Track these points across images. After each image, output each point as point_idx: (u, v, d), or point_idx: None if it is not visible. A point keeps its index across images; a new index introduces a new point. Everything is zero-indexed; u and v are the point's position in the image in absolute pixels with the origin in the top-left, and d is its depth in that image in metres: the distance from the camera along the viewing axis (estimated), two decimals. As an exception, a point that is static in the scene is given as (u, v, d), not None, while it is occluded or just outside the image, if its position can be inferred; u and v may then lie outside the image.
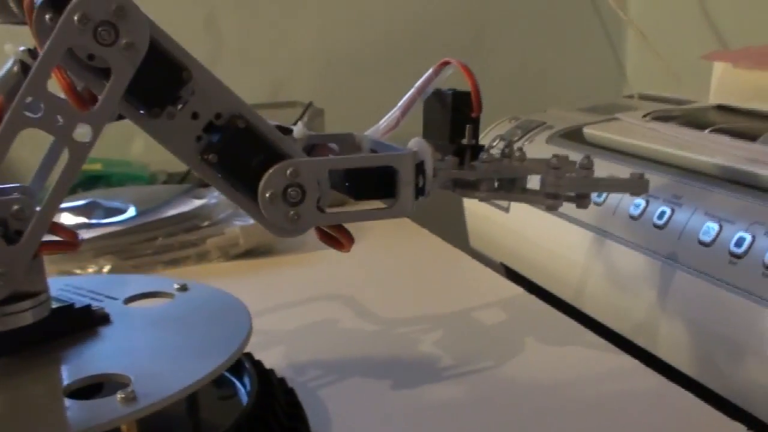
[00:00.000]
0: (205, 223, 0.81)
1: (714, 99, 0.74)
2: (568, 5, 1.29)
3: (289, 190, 0.42)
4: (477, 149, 0.51)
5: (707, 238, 0.53)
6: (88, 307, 0.43)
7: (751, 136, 0.61)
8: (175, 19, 1.13)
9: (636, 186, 0.52)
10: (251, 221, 0.80)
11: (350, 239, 0.46)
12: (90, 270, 0.74)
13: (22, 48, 0.43)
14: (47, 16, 0.38)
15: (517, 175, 0.50)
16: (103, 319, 0.44)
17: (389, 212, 0.46)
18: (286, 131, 0.49)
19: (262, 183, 0.42)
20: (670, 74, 1.10)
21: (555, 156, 0.50)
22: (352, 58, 1.21)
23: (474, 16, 1.25)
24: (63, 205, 0.55)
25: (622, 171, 0.64)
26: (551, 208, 0.50)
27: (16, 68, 0.43)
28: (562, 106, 0.94)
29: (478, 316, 0.65)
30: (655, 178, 0.61)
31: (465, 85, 0.53)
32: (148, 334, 0.43)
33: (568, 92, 1.30)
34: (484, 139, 0.85)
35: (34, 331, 0.40)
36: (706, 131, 0.64)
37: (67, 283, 0.49)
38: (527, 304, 0.67)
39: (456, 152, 0.51)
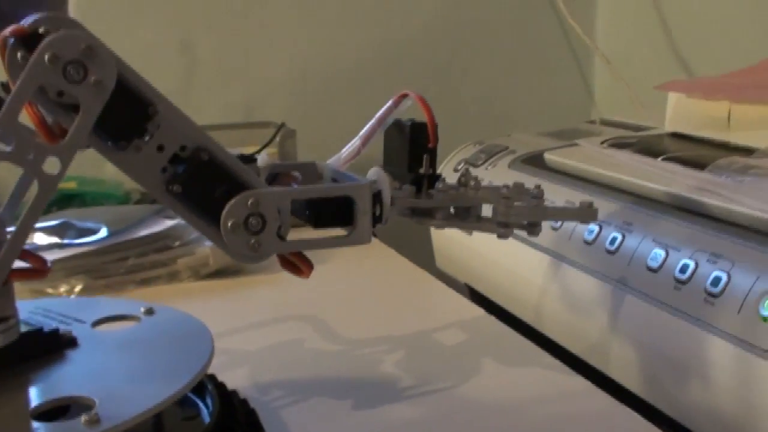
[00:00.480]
0: (176, 244, 0.83)
1: (669, 127, 0.77)
2: (538, 31, 1.32)
3: (251, 219, 0.44)
4: (434, 178, 0.54)
5: (654, 264, 0.55)
6: (56, 331, 0.45)
7: (701, 165, 0.63)
8: (151, 40, 1.16)
9: (585, 215, 0.54)
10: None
11: (309, 266, 0.48)
12: (62, 289, 0.76)
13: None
14: (19, 54, 0.40)
15: (471, 204, 0.53)
16: (71, 342, 0.45)
17: (347, 240, 0.48)
18: (250, 160, 0.51)
19: (224, 213, 0.44)
20: (635, 100, 1.13)
21: (506, 186, 0.52)
22: (325, 80, 1.24)
23: (445, 41, 1.28)
24: (36, 225, 0.57)
25: (580, 197, 0.67)
26: (502, 237, 0.52)
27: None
28: (527, 131, 0.96)
29: (440, 337, 0.67)
30: (609, 205, 0.63)
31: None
32: (114, 358, 0.44)
33: (537, 117, 1.33)
34: (449, 163, 0.88)
35: (3, 355, 0.42)
36: (659, 159, 0.67)
37: (36, 306, 0.50)
38: (488, 325, 0.69)
39: (413, 181, 0.53)
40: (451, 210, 0.53)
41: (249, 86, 1.21)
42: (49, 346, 0.44)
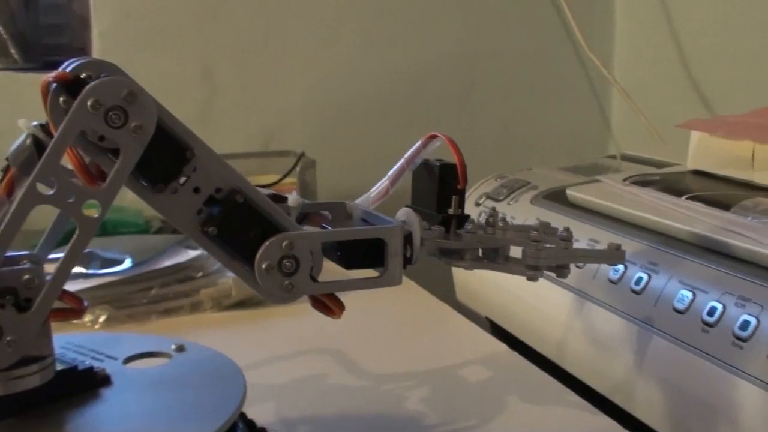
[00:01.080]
0: (199, 274, 0.83)
1: (691, 164, 0.77)
2: (556, 62, 1.33)
3: (284, 261, 0.45)
4: (462, 219, 0.54)
5: (681, 306, 0.56)
6: (90, 369, 0.45)
7: (725, 205, 0.63)
8: (172, 69, 1.17)
9: (612, 257, 0.54)
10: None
11: (341, 306, 0.49)
12: (86, 319, 0.76)
13: (34, 123, 0.45)
14: (61, 99, 0.41)
15: (499, 246, 0.53)
16: (105, 380, 0.46)
17: (379, 281, 0.48)
18: (281, 199, 0.52)
19: (258, 254, 0.44)
20: (654, 134, 1.13)
21: (536, 228, 0.52)
22: (344, 110, 1.25)
23: (463, 72, 1.29)
24: (56, 255, 0.57)
25: (603, 234, 0.67)
26: (532, 279, 0.52)
27: (28, 141, 0.46)
28: (547, 165, 0.97)
29: (464, 372, 0.67)
30: (634, 244, 0.64)
31: (452, 156, 0.56)
32: (148, 397, 0.45)
33: (554, 148, 1.34)
34: (471, 197, 0.88)
35: (40, 394, 0.43)
36: (683, 198, 0.67)
37: (68, 341, 0.51)
38: (511, 361, 0.69)
39: (442, 222, 0.54)
40: (479, 251, 0.54)
41: (268, 115, 1.22)
42: (84, 385, 0.45)
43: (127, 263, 0.81)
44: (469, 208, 0.87)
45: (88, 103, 0.40)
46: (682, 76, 1.18)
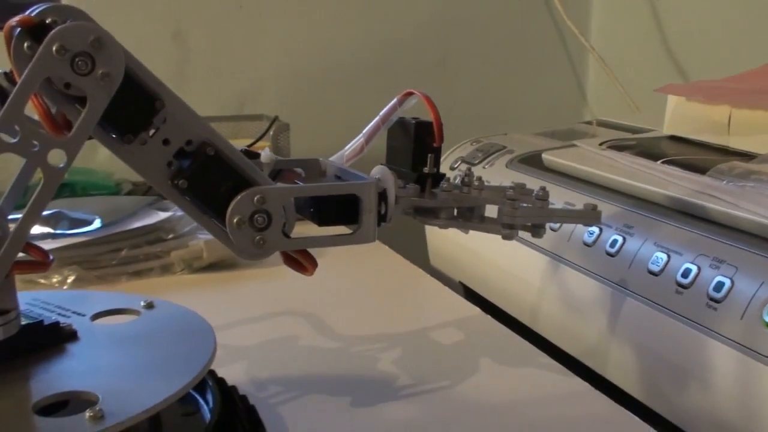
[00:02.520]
0: (170, 236, 0.82)
1: (668, 130, 0.77)
2: (532, 29, 1.32)
3: (256, 216, 0.44)
4: (438, 178, 0.53)
5: (656, 268, 0.55)
6: (56, 324, 0.44)
7: (701, 169, 0.63)
8: (144, 32, 1.15)
9: (589, 217, 0.54)
10: (215, 235, 0.82)
11: (314, 263, 0.48)
12: (54, 280, 0.75)
13: (2, 70, 0.44)
14: (26, 45, 0.39)
15: (475, 204, 0.52)
16: (71, 335, 0.45)
17: (352, 238, 0.47)
18: (254, 156, 0.51)
19: (230, 209, 0.44)
20: (629, 101, 1.13)
21: (512, 187, 0.52)
22: (319, 75, 1.23)
23: (439, 38, 1.28)
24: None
25: (578, 197, 0.67)
26: (507, 238, 0.52)
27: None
28: (523, 130, 0.96)
29: (436, 335, 0.67)
30: (609, 207, 0.63)
31: (428, 114, 0.55)
32: (115, 352, 0.44)
33: (530, 115, 1.33)
34: (446, 161, 0.88)
35: (3, 348, 0.41)
36: (659, 162, 0.67)
37: (35, 298, 0.50)
38: (484, 324, 0.69)
39: (417, 180, 0.53)
40: (454, 210, 0.53)
41: (242, 79, 1.20)
42: (50, 340, 0.44)
43: (96, 224, 0.79)
44: (444, 172, 0.86)
45: (54, 48, 0.39)
46: (658, 44, 1.18)
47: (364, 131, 0.56)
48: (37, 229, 0.79)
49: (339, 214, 0.47)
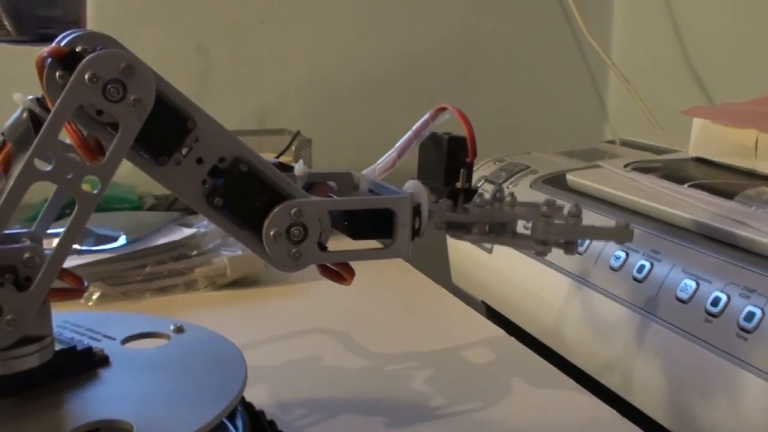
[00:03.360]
0: (194, 253, 0.82)
1: (693, 151, 0.76)
2: (553, 45, 1.32)
3: (293, 229, 0.44)
4: (470, 193, 0.53)
5: (684, 296, 0.55)
6: (89, 349, 0.45)
7: (728, 194, 0.63)
8: (167, 44, 1.15)
9: (622, 235, 0.54)
10: (239, 252, 0.82)
11: (351, 273, 0.48)
12: (79, 296, 0.75)
13: (30, 97, 0.45)
14: (58, 74, 0.40)
15: (507, 220, 0.52)
16: (103, 361, 0.45)
17: (386, 252, 0.48)
18: (287, 168, 0.51)
19: (266, 222, 0.44)
20: (651, 119, 1.13)
21: (545, 203, 0.52)
22: (340, 89, 1.23)
23: (460, 53, 1.28)
24: (54, 231, 0.57)
25: (603, 220, 0.67)
26: (541, 254, 0.52)
27: (24, 116, 0.45)
28: (545, 149, 0.96)
29: (461, 356, 0.67)
30: (636, 231, 0.63)
31: (458, 129, 0.55)
32: (147, 378, 0.44)
33: (551, 130, 1.33)
34: (469, 179, 0.88)
35: (38, 374, 0.42)
36: (685, 186, 0.67)
37: (65, 320, 0.50)
38: (508, 346, 0.69)
39: (450, 195, 0.53)
40: (486, 225, 0.53)
41: (264, 93, 1.20)
42: (83, 365, 0.44)
43: (122, 240, 0.80)
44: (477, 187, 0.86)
45: (86, 77, 0.39)
46: (680, 60, 1.18)
47: (396, 145, 0.56)
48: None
49: (373, 228, 0.48)
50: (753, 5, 1.07)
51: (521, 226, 0.53)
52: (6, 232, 0.41)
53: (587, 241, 0.66)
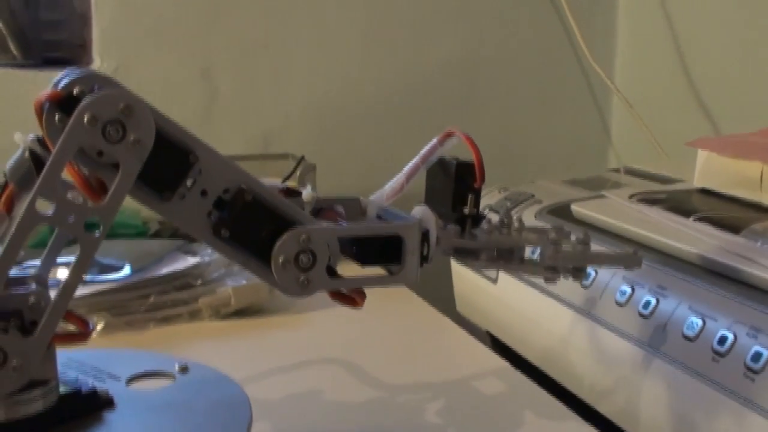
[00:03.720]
0: (198, 282, 0.82)
1: (698, 182, 0.76)
2: (557, 70, 1.32)
3: (301, 255, 0.44)
4: (478, 219, 0.53)
5: (691, 333, 0.55)
6: (93, 392, 0.44)
7: (734, 228, 0.63)
8: (172, 70, 1.16)
9: (630, 261, 0.54)
10: (243, 281, 0.82)
11: (363, 296, 0.48)
12: (82, 326, 0.75)
13: (31, 136, 0.44)
14: (56, 117, 0.40)
15: (516, 246, 0.52)
16: (108, 403, 0.45)
17: (395, 279, 0.48)
18: (295, 194, 0.51)
19: (275, 249, 0.44)
20: (655, 144, 1.13)
21: (554, 229, 0.52)
22: (344, 115, 1.24)
23: (464, 78, 1.28)
24: (59, 260, 0.57)
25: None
26: (549, 281, 0.52)
27: (26, 155, 0.45)
28: (549, 174, 0.96)
29: (469, 389, 0.66)
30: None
31: (466, 154, 0.55)
32: (151, 422, 0.44)
33: (555, 157, 1.33)
34: (473, 208, 0.87)
35: (42, 418, 0.42)
36: (691, 218, 0.67)
37: (69, 358, 0.50)
38: (513, 380, 0.68)
39: (457, 221, 0.53)
40: (494, 251, 0.53)
41: (268, 118, 1.20)
42: (87, 408, 0.44)
43: (126, 270, 0.80)
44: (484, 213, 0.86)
45: (85, 119, 0.39)
46: (683, 85, 1.18)
47: (404, 170, 0.56)
48: (67, 274, 0.79)
49: (382, 255, 0.48)
50: (757, 29, 1.07)
51: (529, 253, 0.53)
52: (11, 274, 0.41)
53: (593, 275, 0.66)
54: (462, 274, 0.87)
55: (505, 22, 1.29)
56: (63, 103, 0.40)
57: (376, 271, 0.49)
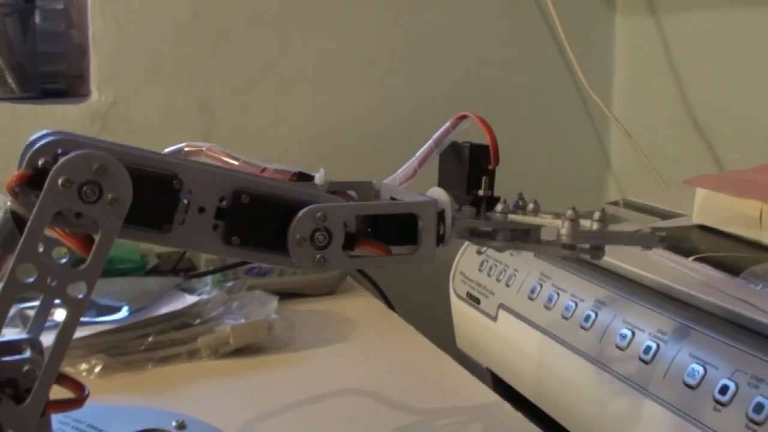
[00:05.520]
0: (196, 321, 0.82)
1: (697, 219, 0.76)
2: (556, 99, 1.32)
3: (317, 234, 0.44)
4: (492, 201, 0.53)
5: (692, 381, 0.54)
6: (90, 456, 0.44)
7: (734, 269, 0.63)
8: (171, 101, 1.16)
9: (648, 240, 0.54)
10: (242, 320, 0.82)
11: (386, 250, 0.47)
12: (82, 368, 0.75)
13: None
14: (32, 197, 0.39)
15: (533, 226, 0.52)
16: (105, 466, 0.45)
17: (412, 258, 0.47)
18: (308, 177, 0.51)
19: (291, 226, 0.44)
20: (654, 173, 1.13)
21: (571, 208, 0.52)
22: (343, 143, 1.24)
23: (463, 106, 1.26)
24: (57, 301, 0.57)
25: (609, 295, 0.66)
26: (567, 258, 0.52)
27: (7, 216, 0.44)
28: (548, 201, 0.96)
29: (471, 428, 0.66)
30: (641, 309, 0.63)
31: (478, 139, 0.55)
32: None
33: (554, 184, 1.32)
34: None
35: (38, 485, 0.41)
36: (690, 259, 0.66)
37: (66, 415, 0.49)
38: (516, 423, 0.68)
39: (472, 203, 0.53)
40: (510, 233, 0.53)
41: (268, 148, 1.21)
42: (85, 473, 0.44)
43: (124, 312, 0.79)
44: (471, 257, 0.86)
45: (59, 182, 0.39)
46: (681, 114, 1.18)
47: (417, 155, 0.56)
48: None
49: (397, 235, 0.47)
50: (753, 57, 1.08)
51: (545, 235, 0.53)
52: (5, 339, 0.41)
53: (592, 317, 0.65)
54: (461, 309, 0.87)
55: (504, 53, 1.29)
56: (34, 180, 0.40)
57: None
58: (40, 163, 0.40)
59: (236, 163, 0.56)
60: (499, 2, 1.28)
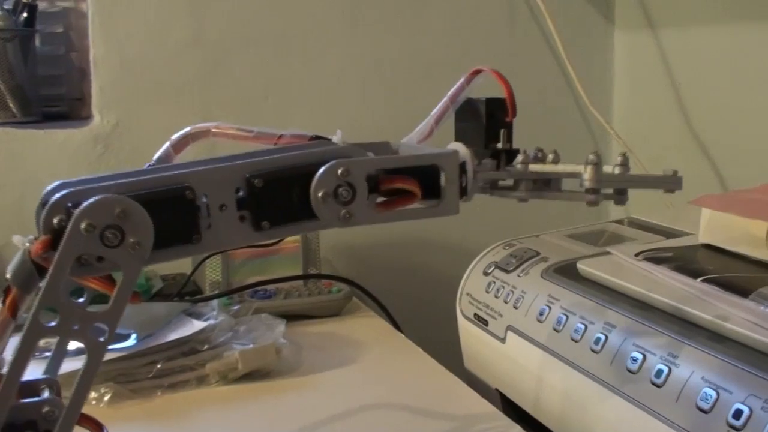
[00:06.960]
0: (205, 347, 0.82)
1: (703, 238, 0.76)
2: (556, 115, 1.32)
3: (340, 189, 0.44)
4: (512, 154, 0.53)
5: (705, 405, 0.55)
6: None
7: (742, 290, 0.63)
8: (172, 124, 1.14)
9: (670, 182, 0.54)
10: (250, 345, 0.82)
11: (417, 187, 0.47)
12: (91, 396, 0.75)
13: (29, 237, 0.44)
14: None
15: (553, 176, 0.52)
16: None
17: (436, 210, 0.47)
18: (325, 140, 0.51)
19: (314, 183, 0.44)
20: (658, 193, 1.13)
21: (594, 152, 0.52)
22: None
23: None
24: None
25: (617, 317, 0.66)
26: (592, 204, 0.51)
27: (26, 257, 0.44)
28: (553, 223, 0.96)
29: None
30: (650, 331, 0.63)
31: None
32: None
33: (557, 202, 1.32)
34: (479, 264, 0.87)
35: None
36: (698, 280, 0.66)
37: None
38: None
39: (492, 156, 0.53)
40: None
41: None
42: None
43: (132, 340, 0.79)
44: (478, 278, 0.86)
45: (82, 227, 0.39)
46: (681, 129, 1.19)
47: (432, 113, 0.56)
48: (72, 345, 0.79)
49: (421, 189, 0.47)
50: (753, 71, 1.08)
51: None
52: (24, 380, 0.41)
53: (603, 339, 0.66)
54: (469, 330, 0.87)
55: (504, 69, 1.28)
56: (56, 243, 0.40)
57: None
58: (55, 222, 0.40)
59: (250, 135, 0.56)
60: (498, 19, 1.29)
